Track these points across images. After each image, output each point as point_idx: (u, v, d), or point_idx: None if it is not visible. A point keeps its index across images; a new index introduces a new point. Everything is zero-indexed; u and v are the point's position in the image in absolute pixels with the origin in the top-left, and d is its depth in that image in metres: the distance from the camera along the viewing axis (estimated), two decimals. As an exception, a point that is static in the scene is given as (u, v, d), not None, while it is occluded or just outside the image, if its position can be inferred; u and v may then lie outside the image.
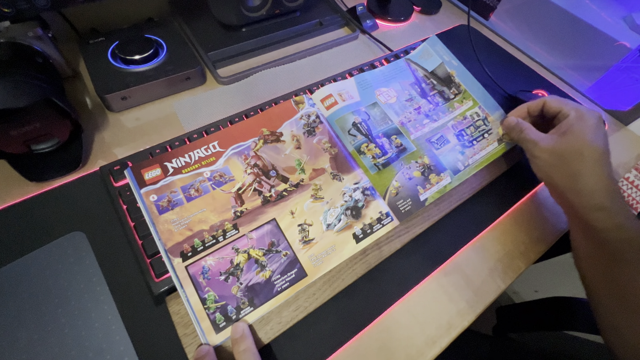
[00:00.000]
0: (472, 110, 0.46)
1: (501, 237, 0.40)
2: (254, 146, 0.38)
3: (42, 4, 0.38)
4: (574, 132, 0.36)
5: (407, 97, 0.45)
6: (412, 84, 0.46)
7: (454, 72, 0.48)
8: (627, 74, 0.53)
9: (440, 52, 0.49)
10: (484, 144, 0.44)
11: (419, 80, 0.47)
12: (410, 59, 0.48)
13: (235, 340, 0.28)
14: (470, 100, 0.46)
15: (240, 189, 0.36)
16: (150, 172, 0.35)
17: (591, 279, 0.35)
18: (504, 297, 1.01)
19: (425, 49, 0.49)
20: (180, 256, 0.31)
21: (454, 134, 0.44)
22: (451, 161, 0.42)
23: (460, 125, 0.45)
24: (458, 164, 0.42)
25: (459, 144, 0.43)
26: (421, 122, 0.43)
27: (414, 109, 0.44)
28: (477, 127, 0.45)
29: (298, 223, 0.35)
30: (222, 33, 0.54)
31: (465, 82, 0.48)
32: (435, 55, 0.49)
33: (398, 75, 0.47)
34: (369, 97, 0.44)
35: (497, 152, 0.44)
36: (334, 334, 0.32)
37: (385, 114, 0.43)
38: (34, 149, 0.37)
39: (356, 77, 0.45)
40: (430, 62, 0.48)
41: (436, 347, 0.33)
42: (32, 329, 0.29)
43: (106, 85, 0.43)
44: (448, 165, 0.41)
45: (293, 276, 0.32)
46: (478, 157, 0.43)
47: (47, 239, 0.34)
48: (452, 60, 0.49)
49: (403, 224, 0.37)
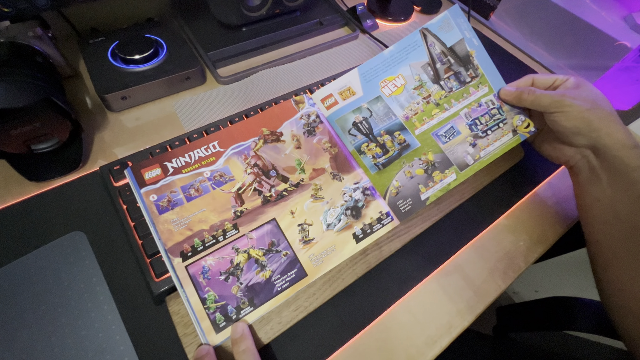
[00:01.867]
0: (487, 97, 0.42)
1: (501, 237, 0.40)
2: (254, 146, 0.38)
3: (42, 3, 0.38)
4: (586, 84, 0.37)
5: (416, 83, 0.41)
6: (425, 66, 0.42)
7: (473, 52, 0.43)
8: (627, 74, 0.53)
9: (462, 25, 0.43)
10: (498, 134, 0.41)
11: (434, 58, 0.42)
12: (429, 29, 0.42)
13: (235, 341, 0.28)
14: (486, 86, 0.42)
15: (240, 188, 0.36)
16: (150, 172, 0.35)
17: (610, 233, 0.34)
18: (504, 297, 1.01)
19: (446, 19, 0.42)
20: (180, 256, 0.31)
21: (466, 124, 0.41)
22: (459, 155, 0.40)
23: (474, 113, 0.42)
24: (467, 158, 0.40)
25: (470, 134, 0.41)
26: (429, 114, 0.41)
27: (423, 99, 0.41)
28: (492, 115, 0.41)
29: (298, 223, 0.35)
30: (222, 33, 0.54)
31: (483, 66, 0.43)
32: (456, 28, 0.42)
33: (410, 55, 0.42)
34: (372, 91, 0.41)
35: (510, 143, 0.41)
36: (334, 334, 0.32)
37: (389, 108, 0.41)
38: (34, 149, 0.37)
39: (360, 67, 0.41)
40: (450, 36, 0.42)
41: (436, 347, 0.33)
42: (32, 329, 0.29)
43: (106, 85, 0.43)
44: (455, 160, 0.40)
45: (293, 276, 0.32)
46: (491, 148, 0.40)
47: (47, 239, 0.34)
48: (473, 38, 0.43)
49: (403, 223, 0.37)
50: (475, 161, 0.40)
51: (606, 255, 0.35)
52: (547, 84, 0.40)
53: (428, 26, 0.42)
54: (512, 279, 0.38)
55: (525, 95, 0.39)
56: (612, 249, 0.34)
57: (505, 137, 0.41)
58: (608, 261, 0.34)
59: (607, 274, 0.34)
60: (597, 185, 0.36)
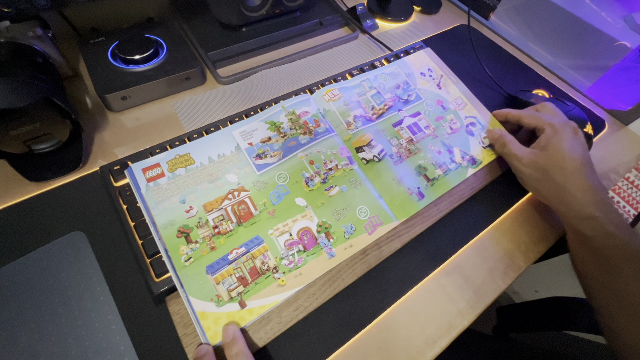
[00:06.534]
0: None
1: (501, 237, 0.40)
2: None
3: (42, 3, 0.38)
4: (553, 146, 0.37)
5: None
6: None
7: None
8: (627, 74, 0.53)
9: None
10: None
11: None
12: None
13: (227, 344, 0.28)
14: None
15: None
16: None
17: (588, 282, 0.36)
18: (504, 297, 1.01)
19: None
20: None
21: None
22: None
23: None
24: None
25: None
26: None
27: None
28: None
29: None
30: (222, 33, 0.54)
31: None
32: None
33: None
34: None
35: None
36: (334, 334, 0.32)
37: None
38: (34, 149, 0.37)
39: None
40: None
41: (436, 347, 0.33)
42: (32, 329, 0.29)
43: (106, 85, 0.43)
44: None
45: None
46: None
47: (47, 239, 0.34)
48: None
49: (403, 223, 0.37)
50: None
51: (588, 291, 0.36)
52: (515, 123, 0.43)
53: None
54: (512, 279, 0.38)
55: (497, 146, 0.42)
56: (592, 297, 0.35)
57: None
58: (591, 301, 0.36)
59: (597, 311, 0.35)
60: (571, 241, 0.37)
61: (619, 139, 0.53)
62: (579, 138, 0.38)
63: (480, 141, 0.44)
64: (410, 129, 0.43)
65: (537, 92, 0.53)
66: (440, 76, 0.48)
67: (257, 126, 0.40)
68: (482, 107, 0.47)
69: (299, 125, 0.40)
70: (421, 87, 0.47)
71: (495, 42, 0.63)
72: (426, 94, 0.46)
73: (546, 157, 0.37)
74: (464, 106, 0.46)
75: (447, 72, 0.49)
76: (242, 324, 0.30)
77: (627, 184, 0.57)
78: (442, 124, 0.44)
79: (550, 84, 0.57)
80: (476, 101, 0.47)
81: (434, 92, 0.47)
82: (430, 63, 0.49)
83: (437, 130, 0.44)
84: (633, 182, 0.56)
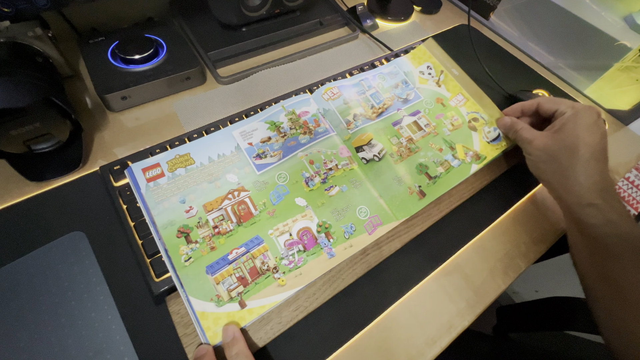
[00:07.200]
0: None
1: (501, 237, 0.40)
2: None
3: (42, 3, 0.38)
4: (568, 129, 0.36)
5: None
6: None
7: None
8: (627, 74, 0.53)
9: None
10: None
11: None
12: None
13: (226, 345, 0.28)
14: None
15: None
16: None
17: (587, 273, 0.35)
18: (504, 297, 1.01)
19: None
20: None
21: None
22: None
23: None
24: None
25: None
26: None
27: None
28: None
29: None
30: (222, 33, 0.54)
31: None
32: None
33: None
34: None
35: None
36: (334, 334, 0.32)
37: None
38: (34, 149, 0.37)
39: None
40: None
41: (436, 347, 0.33)
42: (32, 329, 0.29)
43: (106, 84, 0.43)
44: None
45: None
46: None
47: (47, 239, 0.34)
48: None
49: (403, 223, 0.37)
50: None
51: (586, 283, 0.35)
52: (531, 111, 0.42)
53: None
54: (512, 279, 0.38)
55: (510, 133, 0.42)
56: (591, 280, 0.35)
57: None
58: (588, 297, 0.35)
59: (594, 306, 0.35)
60: (570, 230, 0.36)
61: (619, 139, 0.53)
62: (600, 124, 0.36)
63: (484, 136, 0.44)
64: (410, 128, 0.43)
65: (537, 92, 0.53)
66: (440, 72, 0.48)
67: (257, 126, 0.40)
68: (486, 99, 0.46)
69: (299, 125, 0.41)
70: (420, 86, 0.47)
71: (495, 42, 0.63)
72: (425, 93, 0.46)
73: (558, 139, 0.36)
74: (465, 102, 0.46)
75: (448, 66, 0.48)
76: (242, 324, 0.30)
77: (627, 184, 0.57)
78: (442, 121, 0.44)
79: (550, 84, 0.57)
80: (481, 93, 0.46)
81: (434, 90, 0.47)
82: (430, 59, 0.49)
83: (438, 128, 0.44)
84: (633, 182, 0.57)
